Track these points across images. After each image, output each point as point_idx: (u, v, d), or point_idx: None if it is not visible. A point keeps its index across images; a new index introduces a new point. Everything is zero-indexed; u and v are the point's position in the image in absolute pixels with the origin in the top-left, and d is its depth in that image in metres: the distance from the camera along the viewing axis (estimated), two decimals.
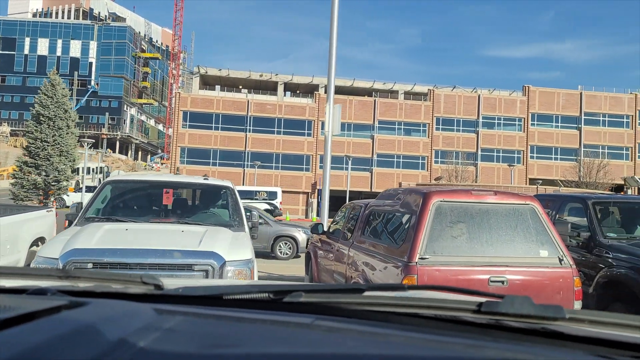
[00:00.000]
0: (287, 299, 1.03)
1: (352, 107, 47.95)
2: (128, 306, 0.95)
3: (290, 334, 0.86)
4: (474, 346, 0.82)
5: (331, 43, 9.96)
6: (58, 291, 1.07)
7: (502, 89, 53.69)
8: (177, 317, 0.90)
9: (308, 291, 1.05)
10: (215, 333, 0.85)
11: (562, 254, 4.95)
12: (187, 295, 1.10)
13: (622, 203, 7.38)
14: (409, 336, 0.86)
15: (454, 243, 4.88)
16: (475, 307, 0.94)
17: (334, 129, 9.79)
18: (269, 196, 28.34)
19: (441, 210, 4.96)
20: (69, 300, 0.93)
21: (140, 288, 1.14)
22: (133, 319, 0.86)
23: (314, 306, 1.01)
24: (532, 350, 0.82)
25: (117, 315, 0.87)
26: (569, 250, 6.76)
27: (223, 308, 1.02)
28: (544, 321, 0.90)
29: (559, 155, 50.03)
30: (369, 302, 1.02)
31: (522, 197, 5.21)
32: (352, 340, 0.83)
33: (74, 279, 1.25)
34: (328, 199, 9.90)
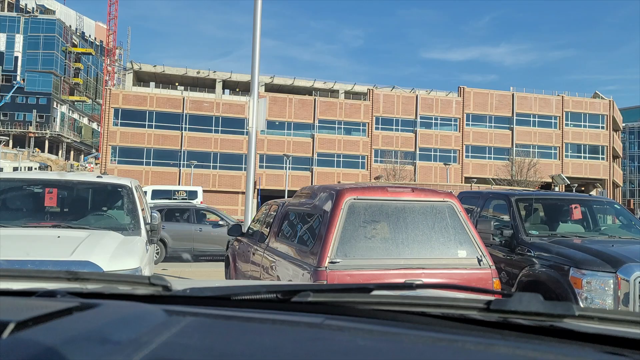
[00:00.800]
0: (296, 299, 1.03)
1: (293, 106, 47.49)
2: (138, 307, 0.95)
3: (301, 334, 0.87)
4: (483, 344, 0.82)
5: (254, 37, 9.44)
6: (67, 293, 1.08)
7: (439, 90, 54.91)
8: (187, 318, 0.90)
9: (316, 291, 1.05)
10: (227, 333, 0.86)
11: (481, 254, 4.67)
12: (196, 296, 1.11)
13: (545, 200, 7.31)
14: (419, 335, 0.86)
15: (367, 244, 4.50)
16: (484, 305, 0.94)
17: (259, 124, 9.26)
18: (189, 195, 27.22)
19: (354, 208, 4.57)
20: (80, 302, 0.94)
21: (148, 289, 1.13)
22: (144, 321, 0.87)
23: (323, 306, 1.02)
24: (541, 348, 0.81)
25: (128, 316, 0.88)
26: (494, 249, 6.60)
27: (232, 308, 1.02)
28: (553, 318, 0.90)
29: (493, 154, 51.71)
30: (377, 302, 1.02)
31: (440, 194, 4.90)
32: (363, 339, 0.84)
33: (82, 280, 1.23)
34: (252, 198, 9.37)
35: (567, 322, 0.89)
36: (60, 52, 77.88)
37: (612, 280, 4.83)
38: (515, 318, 0.92)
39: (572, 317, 0.89)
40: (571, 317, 0.89)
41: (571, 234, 6.30)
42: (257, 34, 9.42)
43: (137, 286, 1.18)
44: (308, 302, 1.02)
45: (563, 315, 0.89)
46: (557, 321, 0.89)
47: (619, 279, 4.81)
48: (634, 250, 5.38)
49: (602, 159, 54.68)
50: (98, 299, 1.02)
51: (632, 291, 4.74)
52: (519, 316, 0.91)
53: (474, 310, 0.95)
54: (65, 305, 0.90)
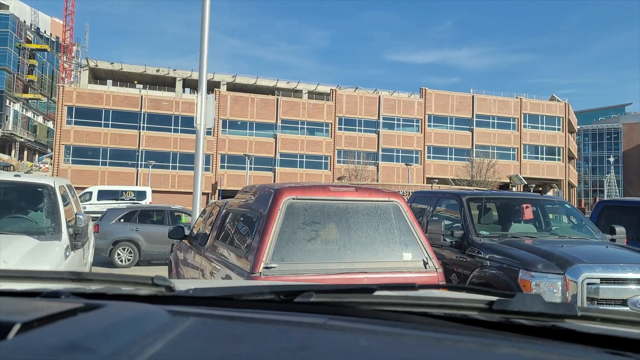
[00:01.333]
0: (298, 299, 1.04)
1: (255, 106, 46.91)
2: (142, 308, 0.96)
3: (305, 334, 0.87)
4: (486, 345, 0.82)
5: (202, 33, 9.04)
6: (71, 294, 1.09)
7: (401, 91, 55.35)
8: (191, 319, 0.91)
9: (319, 291, 1.06)
10: (229, 334, 0.87)
11: (427, 256, 4.45)
12: (198, 297, 1.12)
13: (497, 199, 7.19)
14: (422, 335, 0.87)
15: (307, 247, 4.20)
16: (486, 305, 0.94)
17: (207, 121, 8.85)
18: (137, 196, 26.32)
19: (293, 209, 4.27)
20: (84, 302, 0.95)
21: (151, 290, 1.14)
22: (148, 321, 0.87)
23: (325, 306, 1.02)
24: (544, 349, 0.81)
25: (132, 317, 0.89)
26: (445, 250, 6.43)
27: (235, 309, 1.03)
28: (555, 319, 0.90)
29: (454, 155, 52.42)
30: (380, 302, 1.03)
31: (385, 194, 4.66)
32: (366, 340, 0.84)
33: (85, 281, 1.24)
34: (200, 199, 8.96)
35: (569, 323, 0.89)
36: (13, 48, 74.71)
37: (560, 282, 4.70)
38: (517, 318, 0.92)
39: (575, 317, 0.90)
40: (573, 317, 0.90)
41: (522, 234, 6.18)
42: (206, 31, 9.04)
43: (140, 287, 1.17)
44: (311, 302, 1.03)
45: (565, 316, 0.90)
46: (560, 322, 0.89)
47: (567, 281, 4.68)
48: (583, 251, 5.28)
49: (559, 160, 56.21)
50: (101, 300, 1.03)
51: (580, 293, 4.62)
52: (521, 317, 0.91)
53: (476, 310, 0.95)
54: (69, 306, 0.91)
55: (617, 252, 5.33)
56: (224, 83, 51.69)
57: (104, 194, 25.04)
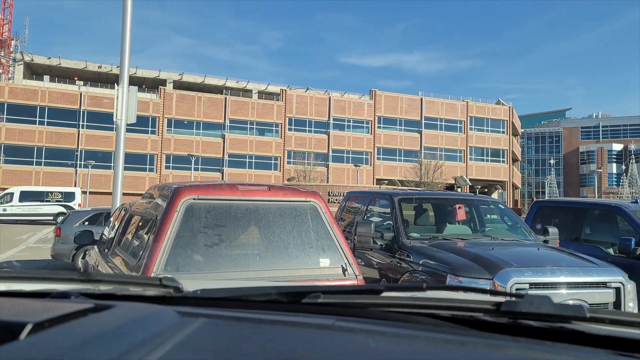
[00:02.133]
0: (306, 300, 1.04)
1: (202, 105, 45.72)
2: (151, 309, 0.97)
3: (313, 335, 0.87)
4: (494, 346, 0.82)
5: (125, 16, 8.35)
6: (80, 294, 1.09)
7: (352, 92, 55.44)
8: (200, 319, 0.91)
9: (326, 292, 1.06)
10: (240, 335, 0.87)
11: (346, 262, 4.04)
12: (207, 297, 1.12)
13: (431, 200, 6.91)
14: (429, 337, 0.87)
15: (209, 255, 3.70)
16: (494, 306, 0.94)
17: (129, 117, 8.17)
18: (65, 197, 24.97)
19: (194, 211, 3.77)
20: (95, 303, 0.96)
21: (159, 291, 1.15)
22: (158, 321, 0.88)
23: (333, 307, 1.03)
24: (553, 350, 0.81)
25: (141, 317, 0.89)
26: (376, 253, 6.07)
27: (243, 310, 1.03)
28: (564, 321, 0.90)
29: (403, 156, 52.97)
30: (387, 303, 1.03)
31: (302, 193, 4.22)
32: (374, 341, 0.84)
33: (94, 282, 1.24)
34: (120, 201, 8.27)
35: (578, 325, 0.89)
36: None
37: (488, 287, 4.40)
38: (526, 320, 0.91)
39: (583, 319, 0.89)
40: (582, 319, 0.89)
41: (454, 236, 5.90)
42: (128, 13, 8.35)
43: (149, 287, 1.17)
44: (318, 303, 1.03)
45: (574, 318, 0.89)
46: (568, 323, 0.89)
47: (496, 286, 4.39)
48: (513, 254, 5.04)
49: (503, 162, 57.83)
50: (110, 300, 1.03)
51: None
52: (529, 318, 0.90)
53: (484, 312, 0.95)
54: (79, 306, 0.91)
55: (548, 254, 5.12)
56: (170, 81, 50.17)
57: (27, 196, 23.40)
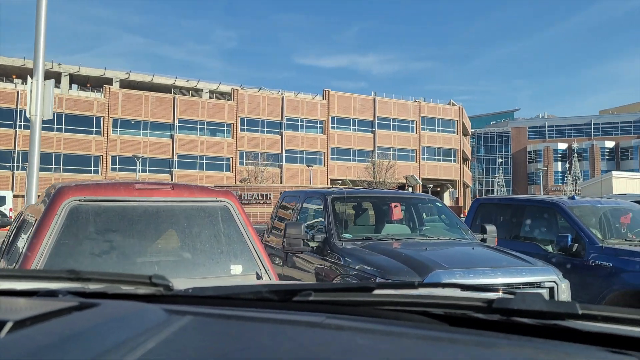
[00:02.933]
0: (297, 298, 1.03)
1: (150, 104, 44.27)
2: (138, 307, 0.96)
3: (300, 333, 0.87)
4: (485, 344, 0.81)
5: (39, 5, 7.67)
6: (69, 293, 1.09)
7: (305, 92, 55.13)
8: (187, 317, 0.90)
9: (318, 290, 1.05)
10: (225, 332, 0.86)
11: (261, 267, 3.63)
12: (197, 296, 1.12)
13: (367, 198, 6.61)
14: (420, 334, 0.86)
15: (96, 265, 3.22)
16: (486, 304, 0.93)
17: (45, 112, 7.49)
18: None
19: (79, 214, 3.27)
20: (80, 301, 0.95)
21: (149, 289, 1.14)
22: (143, 320, 0.87)
23: (324, 305, 1.02)
24: (544, 348, 0.81)
25: (127, 315, 0.89)
26: (307, 255, 5.70)
27: (233, 308, 1.02)
28: (556, 318, 0.89)
29: (356, 156, 53.07)
30: (379, 301, 1.02)
31: (212, 193, 3.79)
32: (363, 339, 0.83)
33: (84, 280, 1.22)
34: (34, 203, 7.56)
35: (570, 322, 0.88)
36: None
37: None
38: (518, 317, 0.90)
39: (576, 316, 0.89)
40: (574, 316, 0.89)
41: (390, 236, 5.61)
42: (43, 4, 7.67)
43: (139, 286, 1.15)
44: (310, 301, 1.02)
45: (566, 315, 0.89)
46: (561, 320, 0.88)
47: None
48: (446, 255, 4.78)
49: (454, 161, 58.91)
50: (99, 299, 1.02)
51: None
52: (521, 315, 0.89)
53: (476, 309, 0.94)
54: (64, 304, 0.89)
55: (482, 254, 4.88)
56: (116, 80, 48.34)
57: None
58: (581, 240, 5.99)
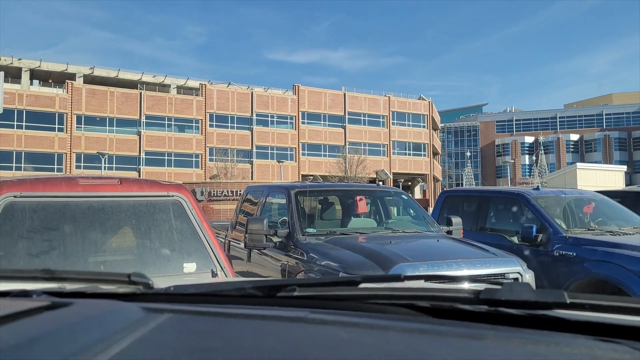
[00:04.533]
0: (281, 294, 1.02)
1: (115, 100, 43.16)
2: (114, 305, 0.94)
3: (283, 328, 0.85)
4: (473, 335, 0.81)
5: None
6: (43, 293, 1.05)
7: (275, 88, 54.70)
8: (165, 315, 0.88)
9: (302, 285, 1.04)
10: (205, 329, 0.84)
11: (217, 265, 3.46)
12: (178, 293, 1.09)
13: (333, 192, 6.48)
14: (406, 327, 0.84)
15: (33, 266, 2.98)
16: (473, 295, 0.92)
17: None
18: None
19: (14, 210, 3.04)
20: (52, 301, 0.92)
21: (128, 288, 1.11)
22: (119, 318, 0.85)
23: (309, 300, 1.01)
24: (533, 338, 0.80)
25: (101, 314, 0.86)
26: (271, 252, 5.53)
27: (215, 305, 1.00)
28: (545, 308, 0.89)
29: (327, 152, 52.97)
30: (364, 295, 1.01)
31: (163, 187, 3.59)
32: (347, 332, 0.82)
33: (60, 280, 1.17)
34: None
35: (558, 312, 0.87)
36: None
37: None
38: (505, 308, 0.88)
39: (564, 305, 0.88)
40: (562, 305, 0.88)
41: (356, 230, 5.49)
42: None
43: (117, 284, 1.12)
44: (294, 296, 1.00)
45: (554, 304, 0.88)
46: (548, 310, 0.87)
47: None
48: (410, 248, 4.68)
49: (424, 155, 59.43)
50: (75, 298, 0.99)
51: None
52: (509, 306, 0.88)
53: (462, 301, 0.93)
54: (36, 304, 0.87)
55: (447, 246, 4.81)
56: (80, 75, 46.96)
57: None
58: (546, 230, 5.99)
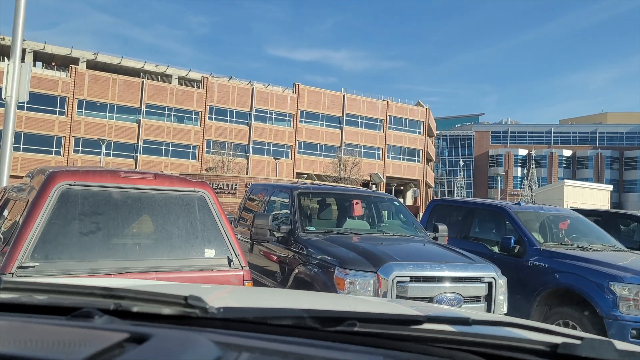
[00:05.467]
0: (341, 328, 0.99)
1: (117, 87, 43.55)
2: (189, 339, 0.91)
3: None
4: None
5: None
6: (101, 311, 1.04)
7: (275, 85, 55.18)
8: (244, 355, 0.87)
9: (363, 320, 1.01)
10: None
11: (232, 253, 4.04)
12: (235, 319, 1.08)
13: (332, 194, 7.06)
14: None
15: (83, 244, 3.55)
16: (550, 348, 0.87)
17: (21, 94, 7.63)
18: None
19: (69, 197, 3.59)
20: (129, 331, 0.90)
21: (184, 311, 1.09)
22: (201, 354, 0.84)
23: (370, 337, 0.97)
24: None
25: (181, 350, 0.84)
26: (273, 245, 6.11)
27: (276, 337, 0.98)
28: None
29: (323, 152, 53.56)
30: (430, 337, 0.96)
31: (190, 183, 4.16)
32: None
33: (117, 298, 1.14)
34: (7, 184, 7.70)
35: None
36: None
37: (372, 280, 4.58)
38: None
39: None
40: None
41: (350, 231, 6.07)
42: None
43: (174, 307, 1.10)
44: (354, 332, 0.97)
45: None
46: None
47: (380, 279, 4.58)
48: (399, 249, 5.27)
49: (418, 161, 60.16)
50: (136, 321, 1.02)
51: (390, 290, 4.54)
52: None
53: (538, 353, 0.87)
54: (115, 337, 0.84)
55: (431, 250, 5.40)
56: (83, 60, 47.28)
57: None
58: (523, 242, 6.60)
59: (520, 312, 6.15)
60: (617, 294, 5.39)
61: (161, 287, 1.64)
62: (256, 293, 2.54)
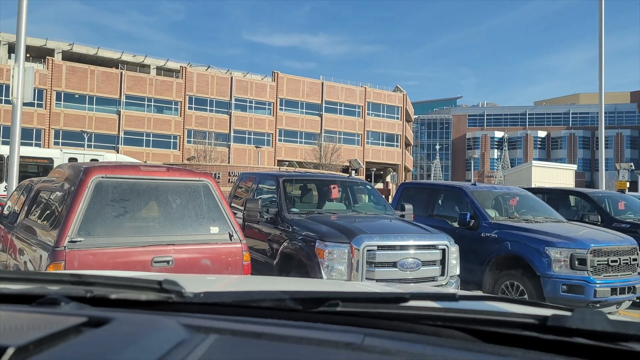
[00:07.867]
0: (323, 309, 0.97)
1: (95, 79, 43.65)
2: (155, 323, 0.87)
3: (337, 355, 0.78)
4: None
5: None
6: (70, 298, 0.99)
7: (254, 73, 55.67)
8: (211, 337, 0.82)
9: (345, 299, 0.98)
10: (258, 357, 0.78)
11: (232, 230, 4.99)
12: (211, 303, 1.04)
13: (312, 181, 8.03)
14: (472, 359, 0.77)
15: (115, 223, 4.48)
16: (539, 321, 0.85)
17: (26, 95, 8.38)
18: None
19: (102, 187, 4.51)
20: (88, 315, 0.86)
21: (159, 295, 1.05)
22: (164, 341, 0.78)
23: (353, 317, 0.95)
24: None
25: (143, 334, 0.80)
26: (263, 225, 7.08)
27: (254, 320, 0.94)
28: (623, 340, 0.78)
29: (304, 139, 54.45)
30: (416, 315, 0.94)
31: (196, 174, 5.10)
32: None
33: (87, 284, 1.11)
34: (16, 178, 8.49)
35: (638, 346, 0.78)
36: None
37: (347, 250, 5.57)
38: (576, 338, 0.80)
39: None
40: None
41: (329, 211, 7.06)
42: None
43: (147, 292, 1.07)
44: (337, 312, 0.95)
45: (634, 337, 0.78)
46: (627, 344, 0.78)
47: (353, 248, 5.57)
48: (369, 225, 6.28)
49: (397, 146, 61.43)
50: (104, 308, 0.98)
51: (361, 258, 5.54)
52: (580, 336, 0.80)
53: (527, 327, 0.85)
54: (71, 321, 0.81)
55: (397, 225, 6.42)
56: (58, 51, 47.11)
57: None
58: (477, 217, 7.68)
59: (475, 275, 7.26)
60: (550, 256, 6.50)
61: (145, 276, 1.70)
62: (240, 280, 2.63)
